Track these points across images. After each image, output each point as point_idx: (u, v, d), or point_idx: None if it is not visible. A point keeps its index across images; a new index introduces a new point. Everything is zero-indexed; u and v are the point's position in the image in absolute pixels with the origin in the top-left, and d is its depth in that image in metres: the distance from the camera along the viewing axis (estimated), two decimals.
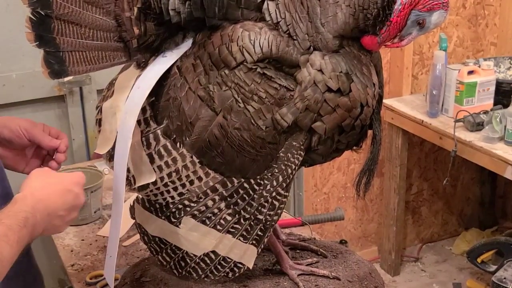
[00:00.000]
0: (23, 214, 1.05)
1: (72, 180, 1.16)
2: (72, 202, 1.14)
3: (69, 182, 1.16)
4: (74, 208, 1.15)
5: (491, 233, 3.47)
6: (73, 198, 1.14)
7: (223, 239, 1.26)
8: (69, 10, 1.14)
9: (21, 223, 1.03)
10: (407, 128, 2.96)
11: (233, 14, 1.20)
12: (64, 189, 1.14)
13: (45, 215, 1.09)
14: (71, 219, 1.15)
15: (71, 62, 1.16)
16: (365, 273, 1.43)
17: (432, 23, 1.21)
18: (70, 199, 1.14)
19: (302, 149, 1.22)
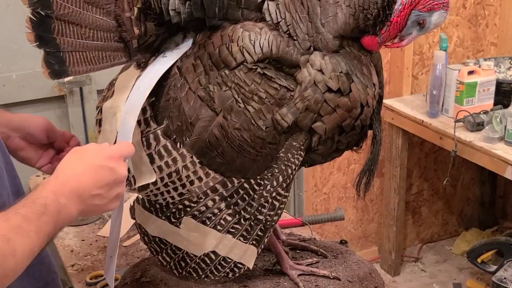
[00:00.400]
0: (41, 201, 1.00)
1: (105, 155, 1.08)
2: (107, 178, 1.06)
3: (102, 157, 1.08)
4: (113, 183, 1.07)
5: (491, 233, 3.47)
6: (108, 174, 1.07)
7: (223, 239, 1.26)
8: (69, 11, 1.14)
9: (39, 211, 0.98)
10: (407, 128, 2.96)
11: (233, 14, 1.20)
12: (95, 166, 1.06)
13: (74, 197, 1.03)
14: (115, 195, 1.08)
15: (71, 62, 1.16)
16: (365, 273, 1.43)
17: (432, 23, 1.21)
18: (104, 175, 1.06)
19: (302, 149, 1.22)
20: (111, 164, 1.08)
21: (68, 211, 1.02)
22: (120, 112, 1.25)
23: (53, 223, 1.00)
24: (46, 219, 0.99)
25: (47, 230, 0.99)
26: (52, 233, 1.01)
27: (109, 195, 1.08)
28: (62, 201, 1.01)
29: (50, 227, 0.99)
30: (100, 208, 1.08)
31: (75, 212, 1.04)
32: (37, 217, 0.98)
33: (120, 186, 1.09)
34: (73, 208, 1.03)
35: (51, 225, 0.99)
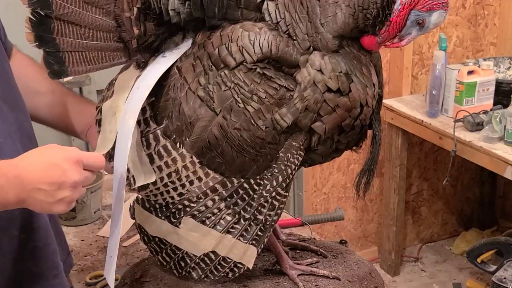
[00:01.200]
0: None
1: (64, 155, 1.06)
2: (57, 178, 1.04)
3: (60, 157, 1.06)
4: (61, 184, 1.04)
5: (491, 233, 3.47)
6: (59, 174, 1.04)
7: (223, 239, 1.26)
8: (69, 11, 1.14)
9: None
10: (407, 128, 2.97)
11: (233, 14, 1.20)
12: (50, 162, 1.05)
13: (16, 182, 1.02)
14: (60, 197, 1.05)
15: (70, 63, 1.16)
16: (365, 273, 1.43)
17: (432, 23, 1.21)
18: (54, 173, 1.04)
19: (302, 149, 1.22)
20: (65, 165, 1.06)
21: (5, 193, 1.03)
22: (120, 112, 1.25)
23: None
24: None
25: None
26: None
27: (55, 194, 1.05)
28: (1, 180, 1.02)
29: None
30: (45, 205, 1.06)
31: (13, 198, 1.04)
32: None
33: (67, 190, 1.06)
34: (11, 193, 1.03)
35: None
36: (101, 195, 1.88)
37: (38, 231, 1.21)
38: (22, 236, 1.18)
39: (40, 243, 1.22)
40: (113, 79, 1.33)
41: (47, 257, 1.24)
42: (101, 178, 1.87)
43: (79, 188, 1.08)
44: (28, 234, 1.19)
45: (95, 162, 1.11)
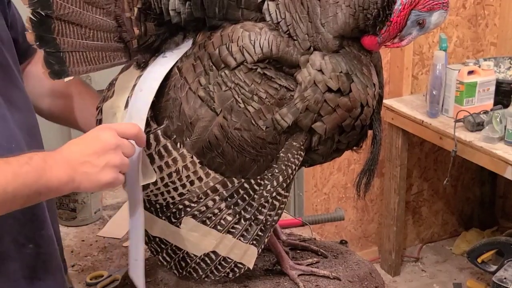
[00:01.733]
0: (28, 155, 1.04)
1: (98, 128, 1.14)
2: (94, 146, 1.09)
3: (94, 130, 1.13)
4: (100, 151, 1.09)
5: (491, 233, 3.47)
6: (95, 141, 1.10)
7: (224, 239, 1.26)
8: (70, 11, 1.14)
9: (22, 161, 1.02)
10: (407, 128, 2.97)
11: (233, 15, 1.20)
12: (87, 137, 1.12)
13: (63, 162, 1.06)
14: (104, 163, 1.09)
15: (71, 63, 1.16)
16: (366, 273, 1.43)
17: (432, 23, 1.21)
18: (90, 143, 1.10)
19: (302, 149, 1.22)
20: (98, 133, 1.12)
21: (56, 173, 1.05)
22: (120, 112, 1.25)
23: (35, 176, 1.02)
24: (27, 169, 1.02)
25: (26, 179, 1.01)
26: (33, 186, 1.03)
27: (98, 162, 1.09)
28: (49, 162, 1.05)
29: (31, 178, 1.02)
30: (92, 177, 1.09)
31: (65, 176, 1.06)
32: (19, 164, 1.02)
33: (109, 153, 1.09)
34: (61, 171, 1.06)
35: (32, 176, 1.02)
36: (101, 195, 1.88)
37: (45, 239, 1.21)
38: (31, 246, 1.19)
39: (49, 249, 1.23)
40: (113, 79, 1.33)
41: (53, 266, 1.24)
42: None
43: (119, 153, 1.11)
44: (37, 242, 1.20)
45: (126, 129, 1.15)
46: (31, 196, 1.04)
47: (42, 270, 1.20)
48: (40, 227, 1.20)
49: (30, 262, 1.18)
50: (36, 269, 1.19)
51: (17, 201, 1.03)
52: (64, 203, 1.78)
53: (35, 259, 1.19)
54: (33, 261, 1.19)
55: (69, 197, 1.78)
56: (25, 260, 1.17)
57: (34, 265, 1.19)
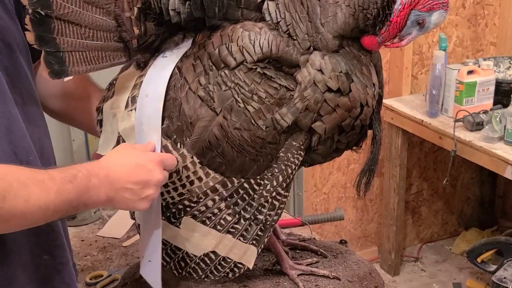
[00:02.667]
0: (73, 171, 1.05)
1: (149, 157, 1.15)
2: (142, 177, 1.12)
3: (145, 159, 1.14)
4: (146, 183, 1.12)
5: (491, 233, 3.47)
6: (145, 173, 1.12)
7: (223, 239, 1.26)
8: (69, 10, 1.14)
9: (66, 177, 1.03)
10: (407, 128, 2.97)
11: (233, 14, 1.20)
12: (136, 163, 1.13)
13: (106, 182, 1.08)
14: (145, 195, 1.13)
15: (71, 62, 1.16)
16: (365, 273, 1.43)
17: (432, 23, 1.21)
18: (140, 173, 1.12)
19: (302, 149, 1.22)
20: (150, 166, 1.14)
21: (97, 192, 1.08)
22: (121, 113, 1.25)
23: (77, 195, 1.04)
24: (70, 187, 1.04)
25: (68, 197, 1.03)
26: (74, 203, 1.05)
27: (140, 193, 1.13)
28: (93, 180, 1.07)
29: (73, 196, 1.04)
30: (130, 203, 1.13)
31: (104, 197, 1.09)
32: (63, 181, 1.03)
33: (151, 188, 1.14)
34: (102, 192, 1.08)
35: (74, 195, 1.04)
36: None
37: (59, 249, 1.22)
38: (46, 257, 1.20)
39: (63, 259, 1.23)
40: (113, 79, 1.33)
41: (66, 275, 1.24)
42: None
43: (158, 188, 1.16)
44: (52, 252, 1.20)
45: (171, 162, 1.19)
46: (69, 211, 1.06)
47: (57, 280, 1.21)
48: (55, 238, 1.20)
49: (45, 273, 1.19)
50: (51, 279, 1.20)
51: (56, 216, 1.05)
52: None
53: (50, 269, 1.20)
54: (48, 272, 1.19)
55: None
56: (41, 271, 1.18)
57: (49, 276, 1.19)
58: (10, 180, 0.98)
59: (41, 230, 1.16)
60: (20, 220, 1.00)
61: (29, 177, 1.00)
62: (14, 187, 0.97)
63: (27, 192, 0.99)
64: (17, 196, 0.97)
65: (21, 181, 0.99)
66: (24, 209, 0.99)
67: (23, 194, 0.98)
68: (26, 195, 0.98)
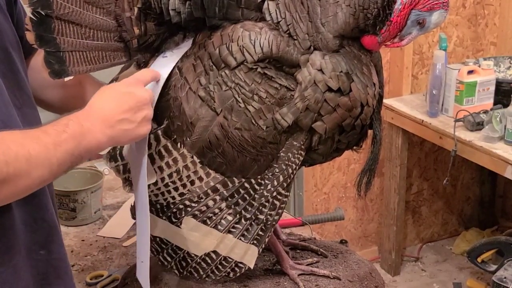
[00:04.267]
0: (63, 122, 1.05)
1: (126, 83, 1.13)
2: (129, 102, 1.10)
3: (124, 85, 1.13)
4: (136, 106, 1.11)
5: (491, 233, 3.47)
6: (129, 98, 1.11)
7: (224, 239, 1.26)
8: (70, 10, 1.14)
9: (59, 129, 1.03)
10: (407, 128, 2.96)
11: (234, 14, 1.20)
12: (117, 93, 1.11)
13: (99, 122, 1.07)
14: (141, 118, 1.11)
15: (71, 62, 1.16)
16: (366, 272, 1.43)
17: (432, 23, 1.21)
18: (125, 99, 1.10)
19: (303, 149, 1.22)
20: (130, 89, 1.12)
21: (94, 135, 1.06)
22: None
23: (74, 143, 1.04)
24: (66, 137, 1.03)
25: (67, 147, 1.03)
26: (75, 151, 1.04)
27: (135, 118, 1.11)
28: (86, 125, 1.06)
29: (71, 145, 1.03)
30: (131, 132, 1.11)
31: (103, 137, 1.08)
32: (57, 133, 1.03)
33: (143, 108, 1.12)
34: (99, 133, 1.07)
35: (71, 143, 1.04)
36: (101, 195, 1.88)
37: (55, 244, 1.22)
38: (42, 252, 1.20)
39: (59, 254, 1.23)
40: (113, 78, 1.33)
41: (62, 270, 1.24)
42: (101, 178, 1.86)
43: (150, 105, 1.14)
44: (48, 247, 1.20)
45: (147, 75, 1.17)
46: (74, 162, 1.06)
47: (53, 275, 1.21)
48: (51, 233, 1.20)
49: (42, 268, 1.18)
50: (47, 275, 1.20)
51: (62, 169, 1.05)
52: (64, 203, 1.78)
53: (47, 265, 1.19)
54: (45, 268, 1.19)
55: (69, 197, 1.77)
56: (38, 267, 1.18)
57: (45, 272, 1.19)
58: (7, 143, 0.98)
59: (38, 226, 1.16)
60: (27, 180, 1.00)
61: (24, 137, 1.01)
62: (13, 149, 0.97)
63: (27, 150, 0.99)
64: (18, 156, 0.97)
65: (18, 142, 0.99)
66: (28, 168, 0.99)
67: (23, 153, 0.98)
68: (26, 154, 0.98)
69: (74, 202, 1.78)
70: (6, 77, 1.13)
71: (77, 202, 1.78)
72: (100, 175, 1.89)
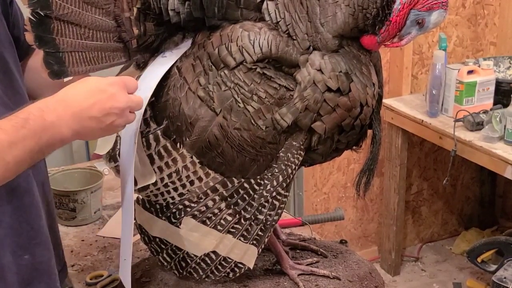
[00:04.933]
0: (23, 115, 0.99)
1: (108, 81, 1.07)
2: (105, 102, 1.04)
3: (104, 83, 1.06)
4: (110, 109, 1.05)
5: (491, 233, 3.47)
6: (107, 98, 1.05)
7: (224, 239, 1.26)
8: (69, 11, 1.14)
9: (17, 124, 0.97)
10: (407, 127, 2.96)
11: (233, 14, 1.20)
12: (96, 89, 1.05)
13: (67, 115, 1.02)
14: (111, 123, 1.06)
15: (70, 63, 1.16)
16: (365, 272, 1.43)
17: (432, 23, 1.21)
18: (103, 98, 1.04)
19: (302, 149, 1.22)
20: (112, 90, 1.06)
21: (58, 130, 1.02)
22: None
23: (34, 139, 0.99)
24: (24, 133, 0.98)
25: (25, 144, 0.98)
26: (35, 148, 0.99)
27: (105, 119, 1.05)
28: (50, 118, 1.01)
29: (30, 142, 0.98)
30: (95, 132, 1.07)
31: (68, 132, 1.03)
32: (14, 129, 0.97)
33: (116, 115, 1.06)
34: (64, 128, 1.02)
35: (30, 140, 0.98)
36: (101, 195, 1.88)
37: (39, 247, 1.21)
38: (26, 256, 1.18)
39: (43, 257, 1.22)
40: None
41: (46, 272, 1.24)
42: (101, 178, 1.86)
43: (126, 113, 1.08)
44: (32, 251, 1.19)
45: (134, 84, 1.11)
46: (35, 158, 1.01)
47: (36, 280, 1.20)
48: (35, 236, 1.19)
49: (26, 273, 1.17)
50: (31, 279, 1.19)
51: (21, 166, 1.00)
52: (64, 203, 1.78)
53: (31, 269, 1.18)
54: (29, 271, 1.18)
55: (68, 197, 1.77)
56: (22, 272, 1.17)
57: (29, 276, 1.18)
58: None
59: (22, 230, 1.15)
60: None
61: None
62: None
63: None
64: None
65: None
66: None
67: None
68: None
69: (74, 202, 1.78)
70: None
71: (77, 202, 1.78)
72: (100, 175, 1.89)
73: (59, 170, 1.90)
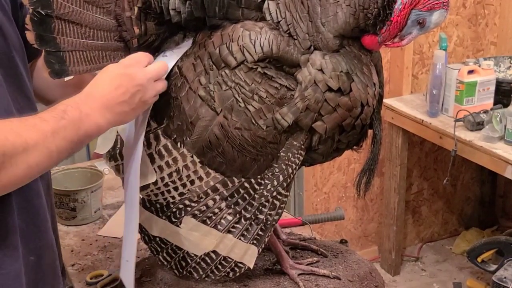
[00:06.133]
0: (61, 107, 1.05)
1: (123, 63, 1.13)
2: (127, 84, 1.10)
3: (121, 67, 1.12)
4: (133, 89, 1.11)
5: (491, 233, 3.47)
6: (128, 80, 1.10)
7: (224, 239, 1.26)
8: (70, 10, 1.14)
9: (57, 115, 1.03)
10: (407, 127, 2.97)
11: (234, 14, 1.20)
12: (116, 75, 1.11)
13: (98, 107, 1.07)
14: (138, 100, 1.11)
15: (71, 62, 1.16)
16: (366, 272, 1.43)
17: (433, 23, 1.21)
18: (123, 82, 1.10)
19: (303, 149, 1.22)
20: (130, 71, 1.12)
21: (93, 120, 1.07)
22: None
23: (73, 129, 1.04)
24: (64, 123, 1.03)
25: (65, 134, 1.03)
26: (74, 138, 1.04)
27: (133, 99, 1.11)
28: (85, 110, 1.06)
29: (70, 132, 1.03)
30: (130, 114, 1.12)
31: (103, 121, 1.08)
32: (55, 120, 1.02)
33: (141, 91, 1.12)
34: (99, 118, 1.07)
35: (70, 130, 1.03)
36: (101, 194, 1.88)
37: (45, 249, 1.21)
38: (32, 258, 1.19)
39: (48, 259, 1.22)
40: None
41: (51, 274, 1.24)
42: (101, 178, 1.87)
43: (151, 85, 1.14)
44: (38, 252, 1.19)
45: (146, 58, 1.16)
46: (74, 147, 1.06)
47: (42, 282, 1.20)
48: (42, 238, 1.19)
49: (32, 275, 1.18)
50: (37, 281, 1.19)
51: (63, 155, 1.04)
52: (64, 202, 1.78)
53: (36, 271, 1.19)
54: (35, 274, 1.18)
55: (69, 196, 1.78)
56: (29, 274, 1.17)
57: (34, 278, 1.19)
58: (4, 133, 0.97)
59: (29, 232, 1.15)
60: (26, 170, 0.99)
61: (21, 126, 1.00)
62: (10, 139, 0.97)
63: (24, 139, 0.98)
64: (15, 146, 0.97)
65: (14, 131, 0.98)
66: (26, 158, 0.98)
67: (20, 143, 0.98)
68: (23, 143, 0.98)
69: (74, 202, 1.78)
70: (8, 81, 1.12)
71: (77, 201, 1.78)
72: (100, 174, 1.89)
73: (59, 169, 1.90)
